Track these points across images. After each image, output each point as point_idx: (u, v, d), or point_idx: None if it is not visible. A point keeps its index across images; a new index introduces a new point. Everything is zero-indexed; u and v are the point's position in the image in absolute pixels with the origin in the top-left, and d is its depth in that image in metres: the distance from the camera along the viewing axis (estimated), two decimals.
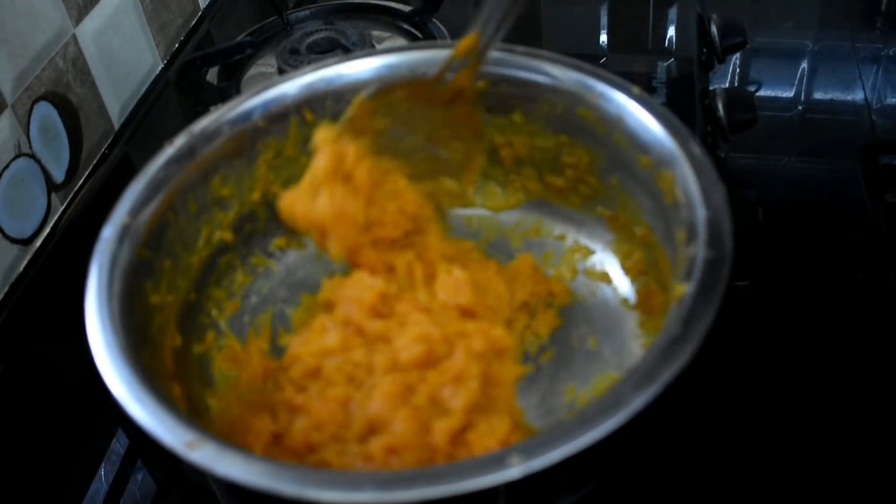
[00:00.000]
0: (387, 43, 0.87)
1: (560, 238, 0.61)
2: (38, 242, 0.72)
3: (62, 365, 0.63)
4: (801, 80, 0.84)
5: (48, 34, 0.73)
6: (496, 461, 0.36)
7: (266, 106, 0.57)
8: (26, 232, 0.70)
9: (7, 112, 0.68)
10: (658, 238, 0.52)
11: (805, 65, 0.86)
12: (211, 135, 0.55)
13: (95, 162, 0.79)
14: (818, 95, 0.82)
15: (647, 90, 0.57)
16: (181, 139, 0.54)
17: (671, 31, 0.89)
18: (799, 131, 0.79)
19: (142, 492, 0.54)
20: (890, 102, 0.80)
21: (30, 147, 0.70)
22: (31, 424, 0.58)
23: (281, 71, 0.82)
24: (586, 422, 0.37)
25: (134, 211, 0.50)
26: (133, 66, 0.85)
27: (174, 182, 0.53)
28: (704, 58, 0.83)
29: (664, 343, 0.40)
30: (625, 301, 0.56)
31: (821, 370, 0.57)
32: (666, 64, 0.85)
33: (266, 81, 0.58)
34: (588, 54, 0.85)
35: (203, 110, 0.58)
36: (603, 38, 0.91)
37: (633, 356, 0.53)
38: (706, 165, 0.48)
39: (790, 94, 0.83)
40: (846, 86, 0.82)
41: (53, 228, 0.73)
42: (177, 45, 0.92)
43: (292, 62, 0.82)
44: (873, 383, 0.56)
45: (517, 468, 0.36)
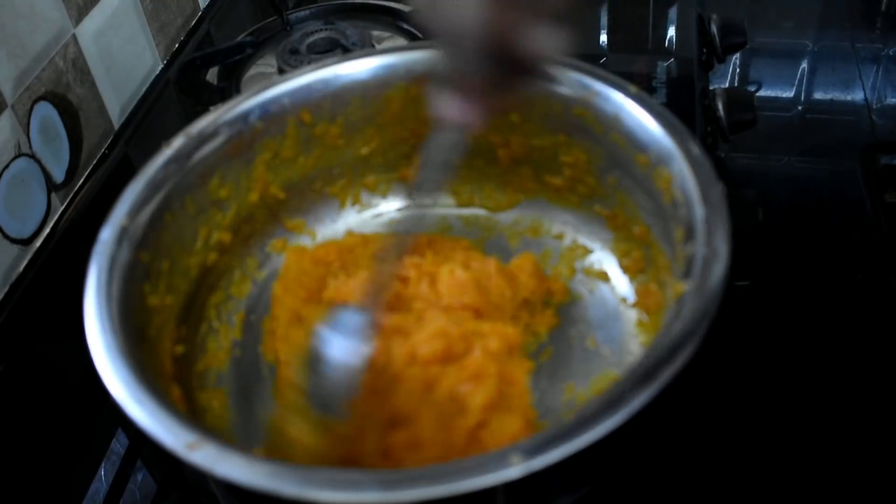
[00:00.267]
0: (387, 43, 0.87)
1: (558, 237, 0.61)
2: (38, 242, 0.71)
3: (62, 365, 0.63)
4: (801, 80, 0.84)
5: (48, 34, 0.73)
6: (496, 461, 0.36)
7: (263, 107, 0.57)
8: (26, 232, 0.70)
9: (7, 112, 0.68)
10: (656, 237, 0.53)
11: (805, 65, 0.86)
12: (208, 136, 0.55)
13: (95, 162, 0.79)
14: (818, 95, 0.82)
15: (647, 90, 0.57)
16: (178, 140, 0.54)
17: (671, 31, 0.89)
18: (799, 131, 0.79)
19: (142, 492, 0.54)
20: (890, 102, 0.80)
21: (30, 147, 0.70)
22: (31, 425, 0.58)
23: (281, 71, 0.82)
24: (586, 421, 0.37)
25: (132, 212, 0.50)
26: (133, 66, 0.85)
27: (172, 183, 0.53)
28: (704, 58, 0.83)
29: (663, 342, 0.40)
30: (623, 300, 0.56)
31: (821, 370, 0.57)
32: (666, 64, 0.85)
33: (265, 82, 0.58)
34: (588, 54, 0.85)
35: (203, 110, 0.57)
36: (603, 38, 0.91)
37: (632, 355, 0.53)
38: (704, 164, 0.48)
39: (790, 94, 0.83)
40: (846, 86, 0.82)
41: (53, 228, 0.73)
42: (177, 46, 0.92)
43: (292, 62, 0.82)
44: (873, 383, 0.56)
45: (517, 468, 0.36)
